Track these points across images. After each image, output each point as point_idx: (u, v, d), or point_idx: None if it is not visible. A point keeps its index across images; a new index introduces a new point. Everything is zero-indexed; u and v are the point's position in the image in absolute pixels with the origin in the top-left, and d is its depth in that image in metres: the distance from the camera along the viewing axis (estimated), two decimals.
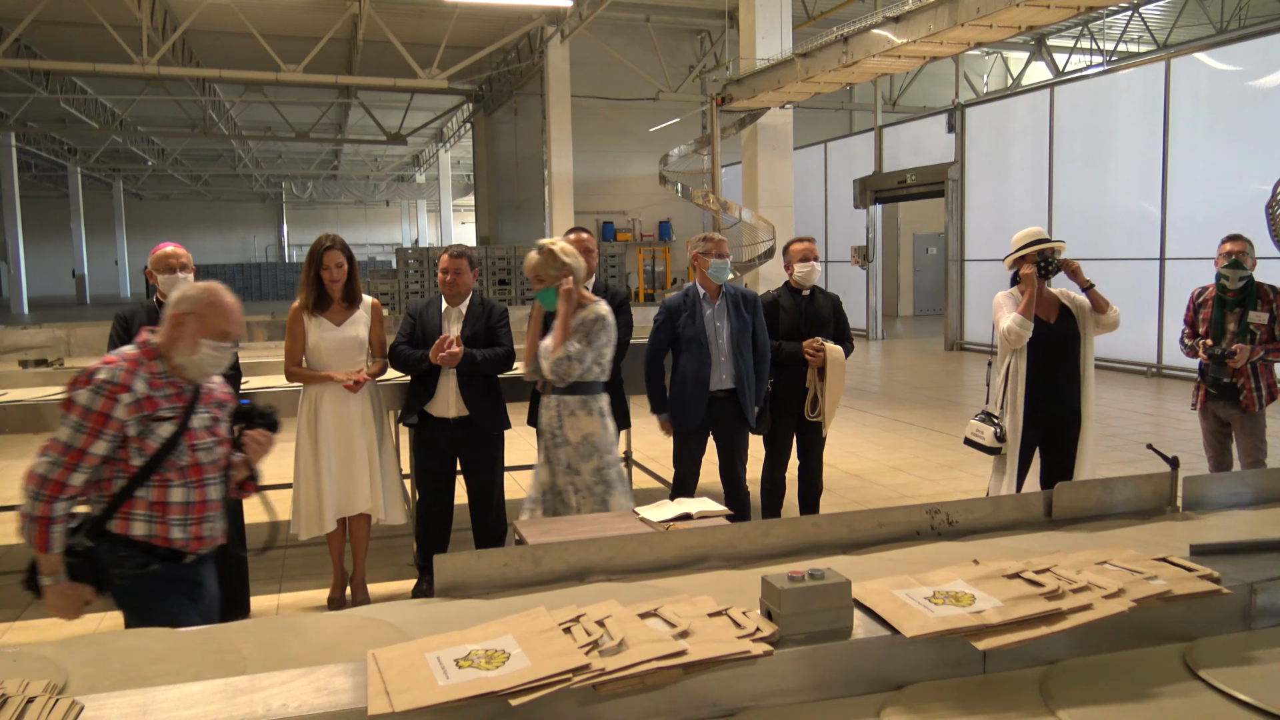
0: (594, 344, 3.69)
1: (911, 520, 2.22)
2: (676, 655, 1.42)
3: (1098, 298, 4.26)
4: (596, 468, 3.71)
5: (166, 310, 2.54)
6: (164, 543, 2.49)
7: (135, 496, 2.46)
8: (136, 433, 2.42)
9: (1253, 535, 2.07)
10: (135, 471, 2.45)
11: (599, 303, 3.80)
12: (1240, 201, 10.26)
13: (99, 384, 2.39)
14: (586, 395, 3.74)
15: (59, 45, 17.35)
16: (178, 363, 2.51)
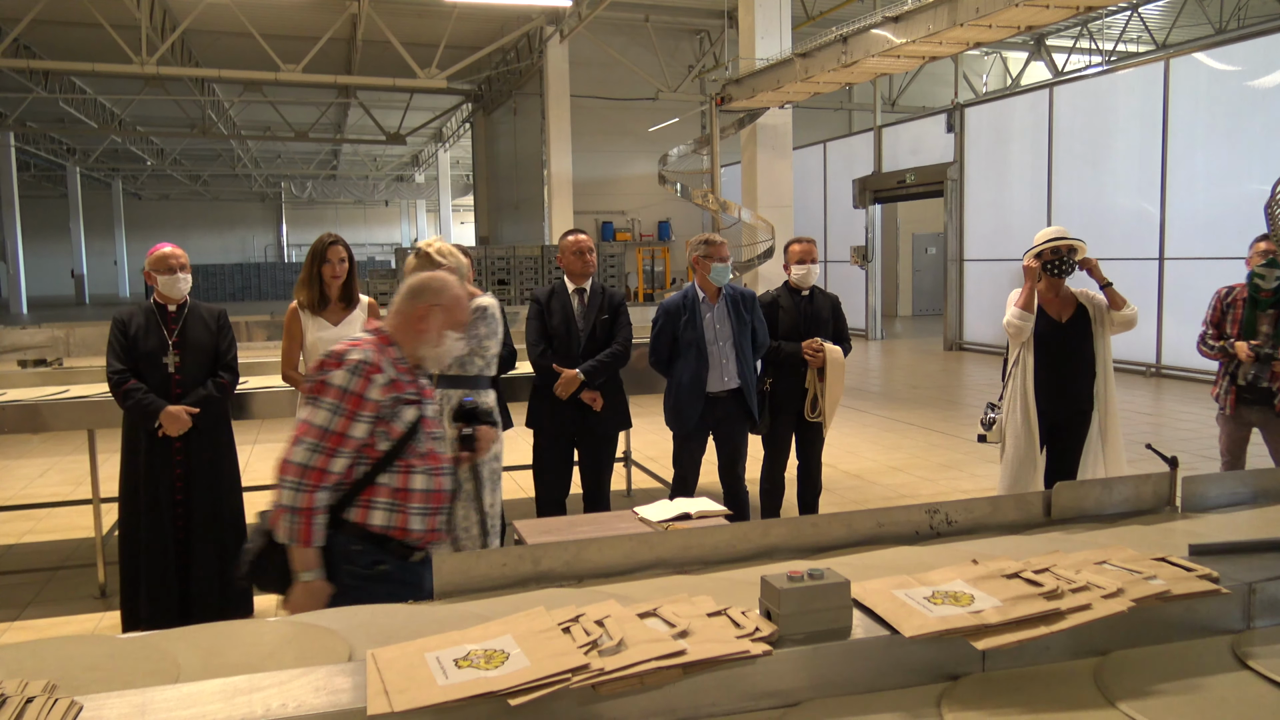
0: (470, 333, 3.58)
1: (911, 520, 2.22)
2: (676, 655, 1.42)
3: (1114, 295, 4.23)
4: (474, 465, 3.57)
5: (402, 302, 2.52)
6: (401, 534, 2.42)
7: (378, 483, 2.40)
8: (386, 416, 2.38)
9: (1252, 535, 2.07)
10: (379, 457, 2.39)
11: (483, 296, 3.74)
12: (1239, 201, 10.26)
13: (355, 364, 2.36)
14: (469, 389, 3.66)
15: (58, 45, 17.34)
16: (421, 354, 2.51)
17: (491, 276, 16.98)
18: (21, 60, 16.00)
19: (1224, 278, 11.34)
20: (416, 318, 2.50)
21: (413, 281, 2.55)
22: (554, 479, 4.63)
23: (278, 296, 36.39)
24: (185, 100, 22.01)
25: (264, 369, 5.33)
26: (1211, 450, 7.37)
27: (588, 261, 4.56)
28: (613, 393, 4.59)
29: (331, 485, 2.34)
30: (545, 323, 4.54)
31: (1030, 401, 4.24)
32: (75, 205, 32.25)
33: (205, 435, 3.88)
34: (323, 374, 2.36)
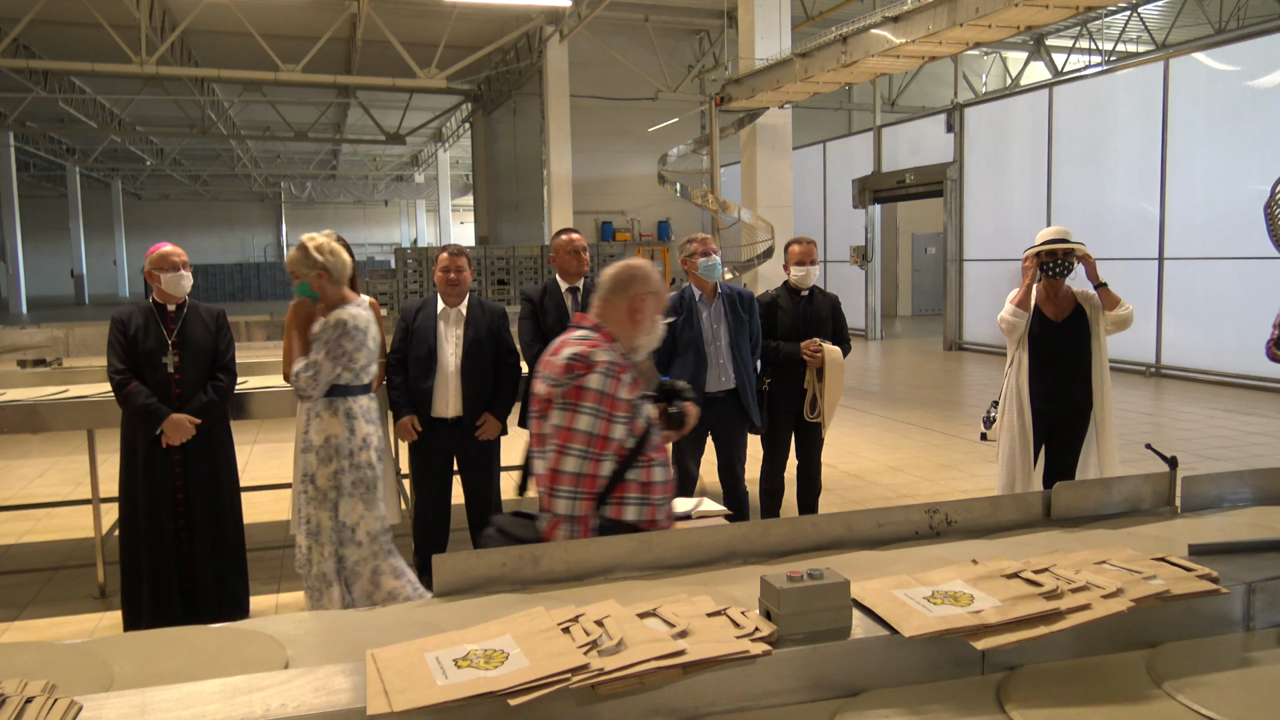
0: (334, 354, 3.39)
1: (910, 520, 2.22)
2: (675, 655, 1.42)
3: (1107, 295, 4.25)
4: (334, 472, 3.43)
5: (612, 295, 2.52)
6: (650, 525, 2.44)
7: (627, 480, 2.42)
8: (634, 414, 2.42)
9: (1251, 535, 2.07)
10: (627, 454, 2.42)
11: (349, 306, 3.48)
12: (1239, 201, 10.27)
13: (607, 365, 2.37)
14: (335, 397, 3.47)
15: (58, 45, 17.34)
16: (638, 344, 2.52)
17: (491, 276, 16.98)
18: (21, 60, 16.00)
19: (1224, 278, 11.39)
20: (632, 309, 2.51)
21: (617, 274, 2.55)
22: None
23: (277, 296, 36.40)
24: (185, 100, 22.01)
25: (264, 369, 5.33)
26: (1211, 450, 7.39)
27: (583, 260, 4.56)
28: None
29: (601, 490, 2.38)
30: (539, 322, 4.53)
31: (1025, 400, 4.27)
32: (75, 205, 32.24)
33: (204, 436, 3.88)
34: (574, 378, 2.36)
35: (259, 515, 5.68)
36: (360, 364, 3.46)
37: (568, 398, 2.36)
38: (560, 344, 2.48)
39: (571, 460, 2.34)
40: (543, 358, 2.54)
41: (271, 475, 6.65)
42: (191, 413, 3.82)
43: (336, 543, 3.42)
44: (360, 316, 3.45)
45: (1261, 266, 10.11)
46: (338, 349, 3.37)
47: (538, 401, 2.47)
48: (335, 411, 3.45)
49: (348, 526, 3.42)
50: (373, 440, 3.53)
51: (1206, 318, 10.98)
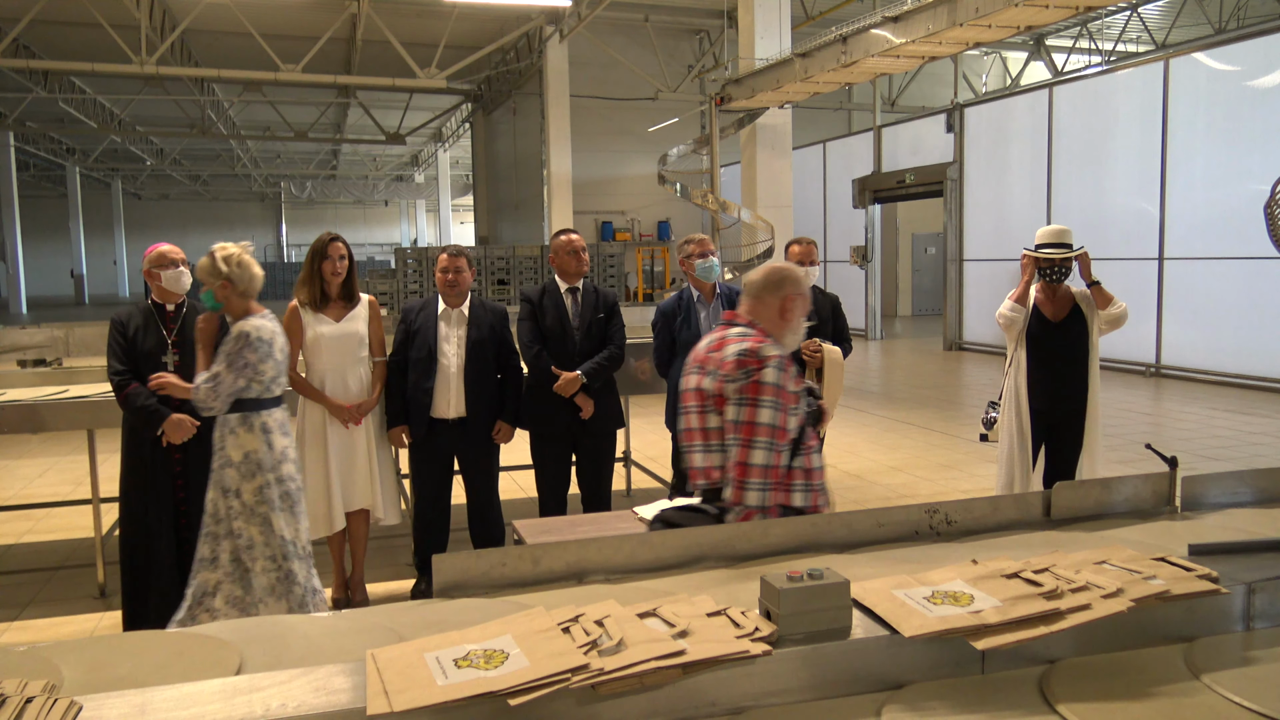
0: (236, 366, 3.34)
1: (910, 520, 2.22)
2: (675, 655, 1.42)
3: (1099, 294, 4.27)
4: (259, 486, 3.38)
5: (765, 295, 2.62)
6: (813, 509, 2.53)
7: (794, 467, 2.53)
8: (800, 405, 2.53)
9: (1251, 535, 2.07)
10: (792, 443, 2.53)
11: (251, 318, 3.42)
12: (1239, 201, 10.27)
13: (779, 360, 2.47)
14: (247, 411, 3.42)
15: (58, 45, 17.34)
16: (787, 341, 2.63)
17: (491, 276, 16.98)
18: (21, 60, 16.00)
19: (1224, 278, 11.39)
20: (783, 308, 2.62)
21: (770, 276, 2.65)
22: (553, 478, 4.63)
23: (277, 296, 36.35)
24: (185, 100, 22.01)
25: None
26: (1211, 450, 7.39)
27: (582, 260, 4.56)
28: (606, 393, 4.58)
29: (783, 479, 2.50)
30: (538, 322, 4.53)
31: (1023, 399, 4.30)
32: (75, 205, 32.24)
33: (205, 435, 3.86)
34: (749, 374, 2.45)
35: None
36: (268, 376, 3.41)
37: (745, 393, 2.45)
38: (719, 340, 2.56)
39: (759, 453, 2.44)
40: (699, 354, 2.62)
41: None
42: (192, 412, 3.81)
43: (280, 557, 3.36)
44: (264, 328, 3.41)
45: (1261, 266, 10.11)
46: (239, 360, 3.34)
47: (698, 396, 2.54)
48: (251, 427, 3.41)
49: (289, 541, 3.38)
50: (290, 453, 3.50)
51: (1206, 318, 10.98)
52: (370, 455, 4.26)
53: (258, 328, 3.39)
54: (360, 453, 4.24)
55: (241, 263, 3.43)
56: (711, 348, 2.56)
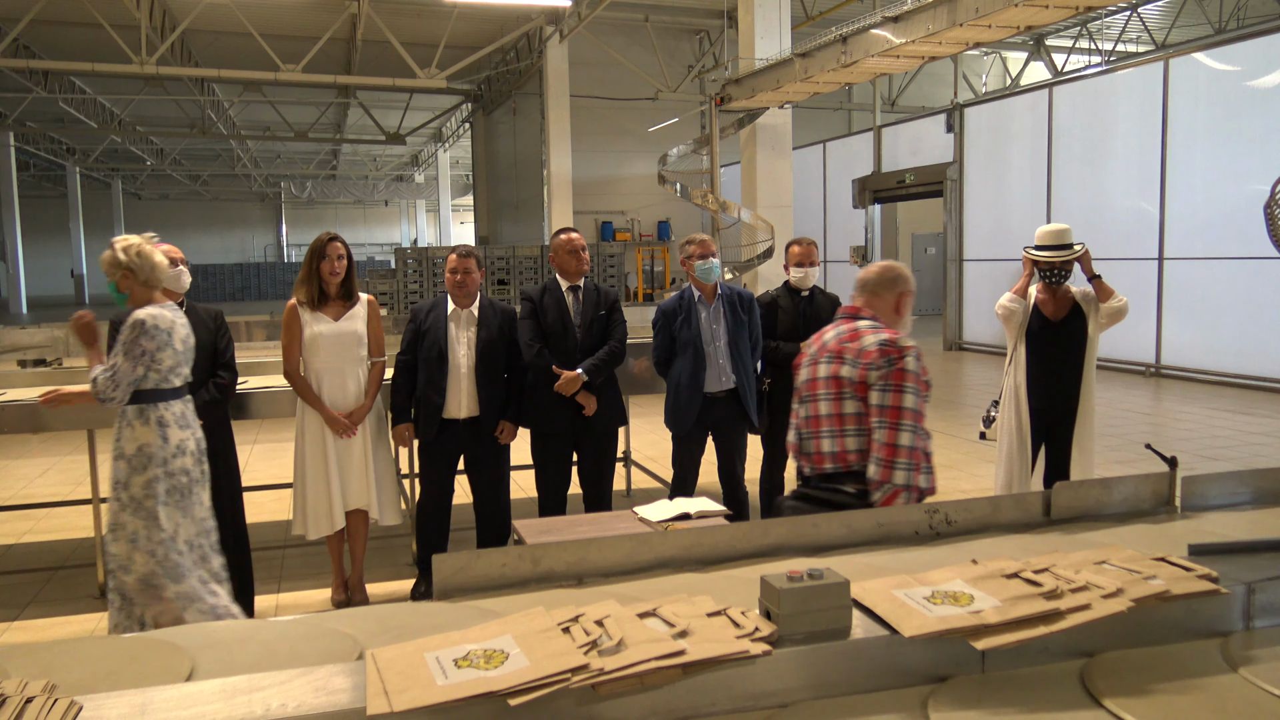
0: (132, 354, 3.28)
1: (910, 520, 2.22)
2: (675, 655, 1.42)
3: (1101, 287, 4.29)
4: (148, 480, 3.33)
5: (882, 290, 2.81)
6: (930, 490, 2.68)
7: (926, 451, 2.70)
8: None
9: (1251, 535, 2.07)
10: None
11: (149, 306, 3.38)
12: (1239, 201, 10.27)
13: (914, 350, 2.65)
14: (144, 403, 3.36)
15: (58, 45, 17.34)
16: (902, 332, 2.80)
17: (491, 276, 16.99)
18: (21, 60, 16.01)
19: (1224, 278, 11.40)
20: (899, 304, 2.81)
21: (886, 273, 2.84)
22: (554, 477, 4.63)
23: (277, 296, 36.42)
24: (185, 100, 22.02)
25: (264, 369, 5.33)
26: (1211, 450, 7.39)
27: (582, 260, 4.55)
28: (608, 390, 4.58)
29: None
30: (539, 321, 4.53)
31: (1022, 398, 4.32)
32: (75, 205, 32.25)
33: (206, 435, 3.87)
34: (892, 362, 2.63)
35: (259, 515, 5.68)
36: (166, 365, 3.36)
37: (890, 380, 2.62)
38: (851, 332, 2.72)
39: (905, 435, 2.60)
40: (828, 344, 2.77)
41: (271, 475, 6.65)
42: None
43: (161, 552, 3.32)
44: (161, 317, 3.36)
45: (1261, 266, 10.11)
46: (135, 349, 3.28)
47: (835, 384, 2.70)
48: (147, 420, 3.35)
49: (169, 535, 3.34)
50: (189, 445, 3.44)
51: (1206, 318, 10.98)
52: (367, 455, 4.25)
53: (154, 316, 3.33)
54: (357, 453, 4.23)
55: (141, 253, 3.40)
56: (844, 338, 2.72)
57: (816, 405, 2.75)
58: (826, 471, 2.74)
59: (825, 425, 2.72)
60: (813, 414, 2.76)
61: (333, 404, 4.19)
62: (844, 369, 2.68)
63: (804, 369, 2.84)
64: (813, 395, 2.76)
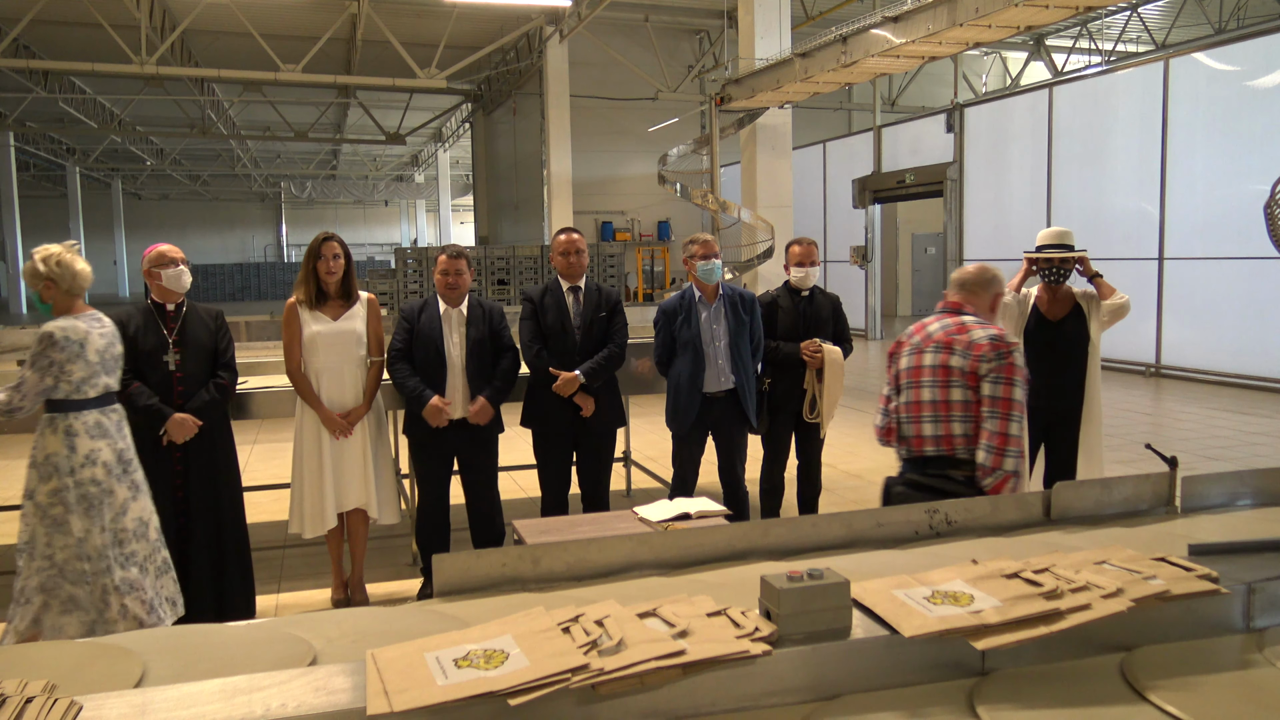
0: (40, 366, 3.29)
1: (910, 520, 2.22)
2: (675, 655, 1.42)
3: (1101, 285, 4.30)
4: (54, 489, 3.32)
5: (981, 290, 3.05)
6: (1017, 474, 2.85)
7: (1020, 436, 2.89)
8: None
9: (1251, 535, 2.07)
10: None
11: (62, 319, 3.39)
12: (1239, 201, 10.27)
13: (1019, 346, 2.87)
14: (55, 413, 3.37)
15: (58, 45, 17.34)
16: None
17: (491, 276, 16.97)
18: (21, 60, 16.00)
19: (1224, 278, 11.39)
20: (994, 303, 3.07)
21: (983, 274, 3.09)
22: (554, 478, 4.63)
23: (277, 296, 36.39)
24: (185, 100, 22.01)
25: (264, 369, 5.33)
26: (1211, 450, 7.39)
27: (570, 263, 4.54)
28: (607, 391, 4.58)
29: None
30: (539, 321, 4.52)
31: None
32: (75, 205, 32.21)
33: (205, 435, 3.88)
34: (1003, 356, 2.84)
35: (259, 515, 5.67)
36: (77, 376, 3.34)
37: (1001, 373, 2.81)
38: (958, 325, 2.91)
39: (1015, 425, 2.80)
40: (935, 336, 2.94)
41: (271, 475, 6.65)
42: (193, 411, 3.82)
43: (62, 558, 3.31)
44: (74, 328, 3.35)
45: (1261, 266, 10.11)
46: (43, 360, 3.29)
47: (944, 373, 2.88)
48: (56, 429, 3.34)
49: (77, 540, 3.32)
50: (101, 455, 3.40)
51: (1206, 318, 10.98)
52: (366, 455, 4.25)
53: (64, 328, 3.33)
54: (356, 452, 4.23)
55: (61, 262, 3.42)
56: (952, 331, 2.90)
57: (919, 392, 2.93)
58: (927, 455, 2.93)
59: (928, 411, 2.92)
60: (914, 400, 2.96)
61: (331, 403, 4.18)
62: (954, 359, 2.87)
63: (905, 357, 3.01)
64: (915, 382, 2.95)
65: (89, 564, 3.32)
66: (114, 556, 3.38)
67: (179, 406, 3.81)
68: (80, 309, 3.47)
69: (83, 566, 3.31)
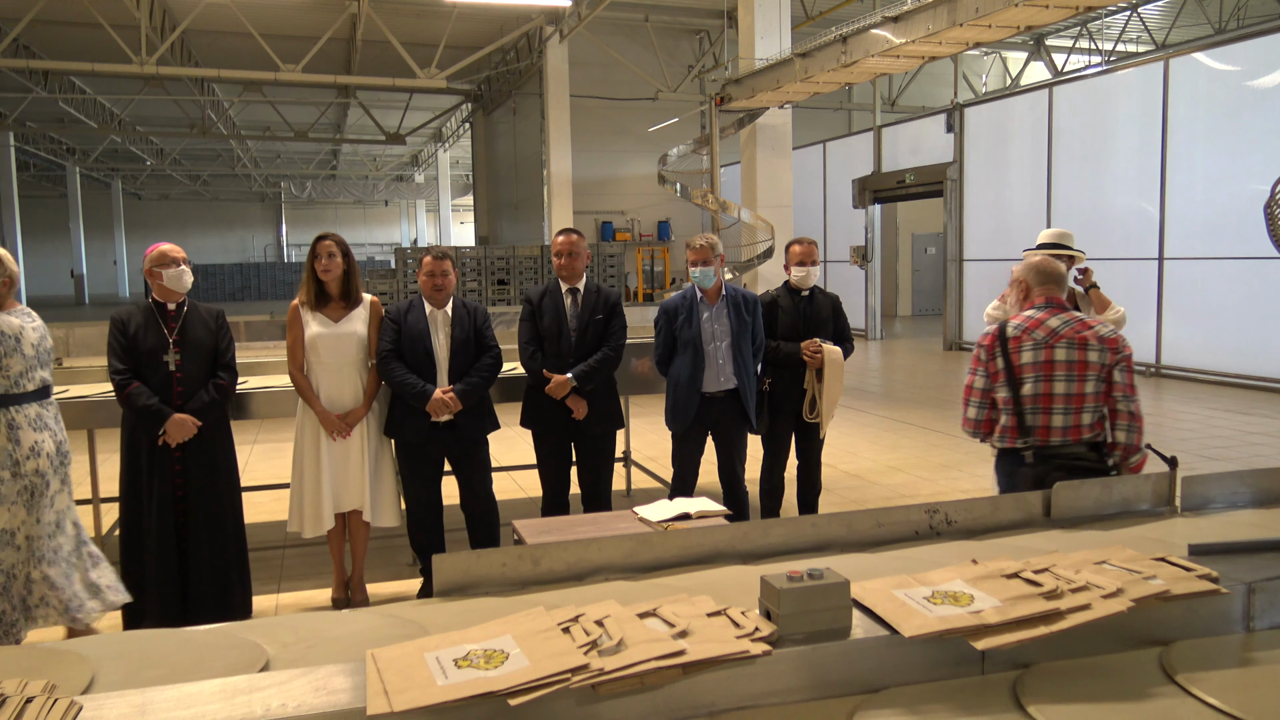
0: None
1: (910, 520, 2.22)
2: (675, 655, 1.42)
3: (1097, 297, 4.29)
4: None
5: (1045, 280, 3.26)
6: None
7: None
8: None
9: (1251, 535, 2.07)
10: None
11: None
12: (1239, 201, 10.27)
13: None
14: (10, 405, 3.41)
15: (58, 45, 17.33)
16: None
17: (491, 276, 16.97)
18: (21, 60, 16.00)
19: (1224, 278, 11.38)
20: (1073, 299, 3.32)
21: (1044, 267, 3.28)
22: (553, 478, 4.63)
23: (277, 296, 36.39)
24: (185, 100, 22.01)
25: (264, 369, 5.33)
26: (1211, 450, 7.39)
27: (562, 265, 4.53)
28: (604, 393, 4.57)
29: None
30: (537, 323, 4.52)
31: None
32: (75, 205, 32.22)
33: (205, 435, 3.88)
34: (1123, 347, 3.14)
35: (259, 515, 5.68)
36: (15, 370, 3.40)
37: (1126, 361, 3.14)
38: (1080, 322, 3.15)
39: (1139, 406, 3.14)
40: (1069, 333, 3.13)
41: (271, 475, 6.65)
42: (193, 412, 3.81)
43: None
44: (9, 323, 3.40)
45: (1261, 266, 10.11)
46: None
47: (1079, 367, 3.11)
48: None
49: (6, 531, 3.38)
50: (44, 447, 3.45)
51: (1206, 318, 10.97)
52: (365, 456, 4.25)
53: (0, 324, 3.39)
54: (356, 454, 4.23)
55: (6, 260, 3.48)
56: (1082, 326, 3.14)
57: (1050, 385, 3.11)
58: (1052, 444, 3.10)
59: (1060, 403, 3.11)
60: (1044, 392, 3.12)
61: (330, 404, 4.18)
62: (1090, 354, 3.10)
63: (1028, 352, 3.14)
64: (1047, 376, 3.11)
65: (19, 553, 3.40)
66: (46, 548, 3.46)
67: (178, 407, 3.80)
68: (11, 305, 3.53)
69: (12, 556, 3.39)
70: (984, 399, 3.24)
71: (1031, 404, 3.13)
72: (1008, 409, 3.17)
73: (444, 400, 4.18)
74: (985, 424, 3.27)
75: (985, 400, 3.24)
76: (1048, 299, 3.23)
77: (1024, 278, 3.32)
